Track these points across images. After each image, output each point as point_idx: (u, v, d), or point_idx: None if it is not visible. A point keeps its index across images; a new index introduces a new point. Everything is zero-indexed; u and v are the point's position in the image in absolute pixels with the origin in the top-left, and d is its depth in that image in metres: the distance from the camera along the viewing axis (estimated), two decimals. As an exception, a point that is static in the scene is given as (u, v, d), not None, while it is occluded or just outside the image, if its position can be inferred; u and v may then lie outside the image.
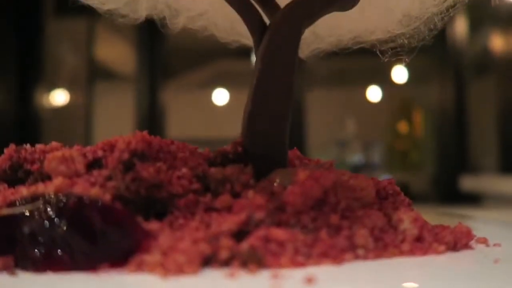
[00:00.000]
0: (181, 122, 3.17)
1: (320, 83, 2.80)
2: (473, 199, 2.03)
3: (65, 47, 2.79)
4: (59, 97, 2.72)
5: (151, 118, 2.36)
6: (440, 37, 2.24)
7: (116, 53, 4.10)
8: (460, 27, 2.23)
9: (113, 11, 0.30)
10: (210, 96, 3.15)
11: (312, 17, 0.20)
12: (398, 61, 0.27)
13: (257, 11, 0.22)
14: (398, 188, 0.27)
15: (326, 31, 0.25)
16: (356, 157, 2.69)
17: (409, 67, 3.86)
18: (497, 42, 2.23)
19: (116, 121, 3.95)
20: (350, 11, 0.22)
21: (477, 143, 2.50)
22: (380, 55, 0.26)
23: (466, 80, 2.26)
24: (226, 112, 3.00)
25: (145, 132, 0.23)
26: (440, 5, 0.22)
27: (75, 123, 2.88)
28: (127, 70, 5.22)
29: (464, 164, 2.18)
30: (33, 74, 2.31)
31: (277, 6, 0.23)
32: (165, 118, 2.91)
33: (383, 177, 0.34)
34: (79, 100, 2.93)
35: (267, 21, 0.23)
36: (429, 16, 0.23)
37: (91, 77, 3.08)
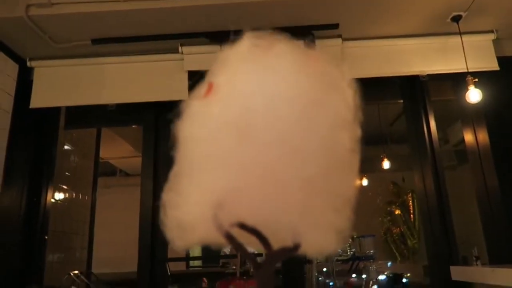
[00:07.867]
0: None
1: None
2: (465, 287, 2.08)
3: (73, 152, 3.02)
4: (64, 195, 2.89)
5: (154, 213, 2.41)
6: (416, 131, 2.45)
7: (120, 153, 4.35)
8: (432, 123, 2.45)
9: None
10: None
11: (278, 261, 0.43)
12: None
13: (249, 252, 0.43)
14: None
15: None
16: (350, 248, 2.75)
17: (390, 156, 4.09)
18: (467, 136, 2.43)
19: (118, 213, 4.05)
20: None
21: (464, 235, 2.59)
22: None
23: (443, 168, 2.41)
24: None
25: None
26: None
27: (80, 215, 3.03)
28: (132, 168, 5.42)
29: (453, 254, 2.25)
30: (44, 175, 2.50)
31: (268, 242, 0.41)
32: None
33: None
34: (83, 196, 3.11)
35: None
36: None
37: (96, 175, 3.29)
